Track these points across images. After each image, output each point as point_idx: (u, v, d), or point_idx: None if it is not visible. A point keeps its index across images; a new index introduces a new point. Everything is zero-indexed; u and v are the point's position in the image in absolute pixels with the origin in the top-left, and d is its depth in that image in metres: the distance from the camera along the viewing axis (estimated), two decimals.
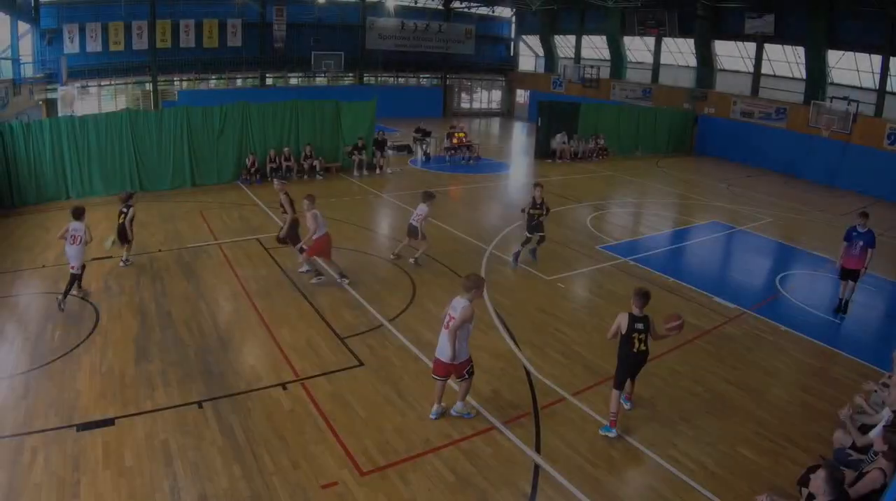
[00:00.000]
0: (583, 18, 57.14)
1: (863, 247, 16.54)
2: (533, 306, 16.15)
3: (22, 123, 23.85)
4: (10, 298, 15.48)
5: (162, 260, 18.25)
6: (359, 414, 11.02)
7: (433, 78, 64.57)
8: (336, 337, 13.95)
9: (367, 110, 32.45)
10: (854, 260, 16.65)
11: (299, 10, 52.52)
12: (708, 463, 10.09)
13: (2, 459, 9.35)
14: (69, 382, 11.62)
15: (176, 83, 50.92)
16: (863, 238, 16.58)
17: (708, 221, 26.13)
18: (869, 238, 16.56)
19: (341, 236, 20.92)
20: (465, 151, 37.33)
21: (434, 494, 9.11)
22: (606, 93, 54.63)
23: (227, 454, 9.73)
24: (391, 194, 27.95)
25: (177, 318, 14.56)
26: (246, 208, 24.40)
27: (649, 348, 10.85)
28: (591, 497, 9.18)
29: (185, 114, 27.11)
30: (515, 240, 21.31)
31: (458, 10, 62.25)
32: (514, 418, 11.14)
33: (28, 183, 23.99)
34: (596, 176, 34.63)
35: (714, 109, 46.30)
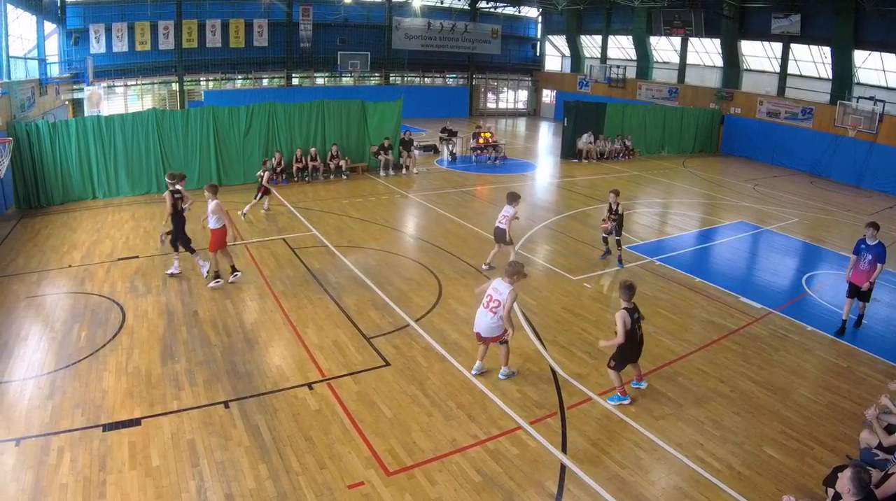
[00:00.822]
0: (609, 18, 57.05)
1: (871, 261, 15.04)
2: (559, 306, 16.11)
3: (48, 123, 23.96)
4: (37, 298, 15.54)
5: (188, 260, 18.17)
6: (385, 414, 11.01)
7: (459, 78, 64.53)
8: (362, 337, 13.95)
9: (394, 110, 32.45)
10: (862, 275, 15.25)
11: (325, 9, 52.64)
12: (734, 463, 10.03)
13: (28, 459, 9.38)
14: (95, 382, 11.66)
15: (202, 83, 51.06)
16: (871, 251, 15.09)
17: (734, 221, 25.96)
18: (878, 251, 15.02)
19: (367, 236, 21.06)
20: (492, 151, 37.26)
21: (460, 494, 9.07)
22: (633, 93, 54.51)
23: (253, 454, 9.73)
24: (417, 194, 27.93)
25: (203, 318, 14.60)
26: (272, 208, 24.40)
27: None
28: (617, 497, 9.13)
29: (211, 115, 27.21)
30: (541, 240, 21.37)
31: (484, 9, 62.16)
32: (541, 418, 11.09)
33: (54, 183, 24.12)
34: (622, 176, 34.53)
35: (740, 109, 46.06)
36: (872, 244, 15.12)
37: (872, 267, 15.00)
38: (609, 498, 9.09)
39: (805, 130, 41.22)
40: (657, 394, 12.03)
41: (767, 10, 42.54)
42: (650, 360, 13.29)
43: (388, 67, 58.53)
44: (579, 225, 23.17)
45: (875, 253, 15.03)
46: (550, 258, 19.74)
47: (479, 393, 11.76)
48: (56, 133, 23.81)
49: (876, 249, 15.05)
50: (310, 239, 20.61)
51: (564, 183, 32.19)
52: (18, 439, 9.84)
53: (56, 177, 24.13)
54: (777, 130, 43.05)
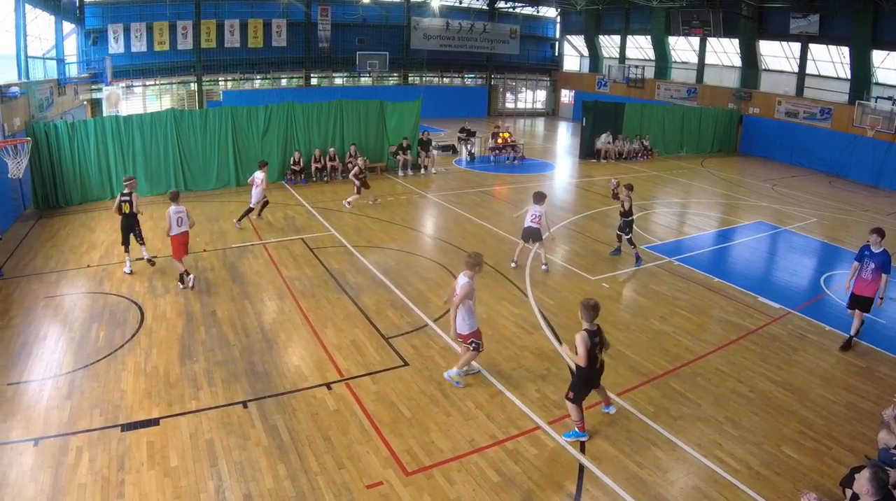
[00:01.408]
0: (627, 18, 57.01)
1: (875, 270, 14.01)
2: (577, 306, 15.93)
3: (67, 123, 24.05)
4: (56, 298, 15.59)
5: (207, 260, 18.35)
6: (403, 414, 11.01)
7: (478, 78, 64.51)
8: (381, 337, 13.94)
9: (412, 110, 32.47)
10: (864, 285, 14.23)
11: (344, 9, 52.74)
12: (753, 463, 9.99)
13: (47, 459, 9.40)
14: (114, 382, 11.69)
15: (221, 83, 51.16)
16: (875, 259, 14.03)
17: (753, 221, 25.85)
18: (882, 260, 13.98)
19: (386, 236, 21.07)
20: (510, 151, 37.29)
21: (479, 494, 9.06)
22: (651, 93, 54.44)
23: (271, 454, 9.74)
24: (436, 194, 27.91)
25: (222, 318, 14.62)
26: (291, 208, 24.46)
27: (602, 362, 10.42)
28: (635, 497, 9.11)
29: (229, 114, 27.27)
30: (560, 240, 21.32)
31: (502, 9, 62.22)
32: (559, 418, 11.05)
33: (73, 183, 24.21)
34: (640, 176, 34.40)
35: (759, 109, 45.91)
36: (877, 252, 14.12)
37: (876, 277, 13.99)
38: (628, 498, 9.07)
39: (823, 130, 41.05)
40: (676, 394, 11.99)
41: (786, 10, 42.44)
42: (668, 360, 13.31)
43: (407, 67, 58.57)
44: (598, 225, 23.13)
45: (879, 261, 14.00)
46: (569, 258, 19.72)
47: (497, 393, 11.74)
48: (74, 133, 23.88)
49: (880, 258, 14.03)
50: (328, 239, 20.63)
51: (583, 183, 32.14)
52: (37, 439, 9.86)
53: (74, 177, 24.22)
54: (795, 130, 42.88)
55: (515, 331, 14.35)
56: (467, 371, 12.13)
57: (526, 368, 12.69)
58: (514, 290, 16.93)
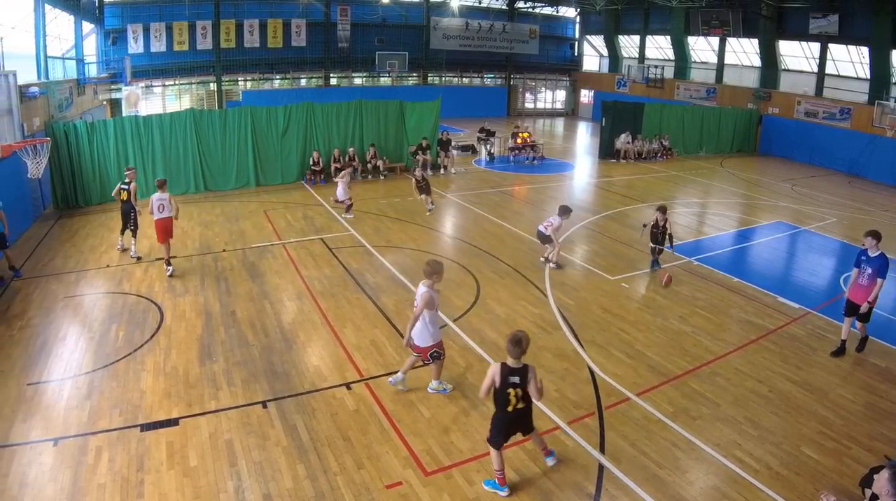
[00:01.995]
0: (647, 18, 56.99)
1: (871, 275, 13.38)
2: (597, 306, 16.03)
3: (86, 123, 24.16)
4: (75, 298, 15.64)
5: (226, 260, 18.39)
6: (423, 414, 11.00)
7: (497, 78, 64.54)
8: (400, 336, 13.81)
9: (432, 110, 32.50)
10: (861, 291, 13.66)
11: (363, 9, 52.89)
12: (772, 463, 9.94)
13: (67, 459, 9.42)
14: (133, 382, 11.72)
15: (240, 83, 51.34)
16: (871, 264, 13.43)
17: (772, 221, 25.75)
18: (879, 264, 13.31)
19: (405, 236, 21.08)
20: (530, 151, 37.26)
21: (498, 494, 9.05)
22: (671, 93, 54.37)
23: (291, 454, 9.74)
24: (455, 194, 27.89)
25: (241, 318, 14.64)
26: (310, 208, 24.49)
27: (529, 401, 9.19)
28: (655, 497, 9.08)
29: (249, 114, 27.32)
30: (579, 240, 21.33)
31: (522, 9, 62.19)
32: (579, 418, 11.04)
33: (92, 182, 24.30)
34: (660, 176, 34.41)
35: (778, 109, 45.79)
36: (873, 256, 13.46)
37: (872, 283, 13.36)
38: (647, 499, 9.03)
39: (843, 130, 40.92)
40: (695, 394, 11.94)
41: (805, 10, 42.33)
42: (688, 360, 13.25)
43: (427, 67, 58.61)
44: (617, 225, 23.09)
45: (875, 266, 13.35)
46: (588, 258, 19.68)
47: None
48: (94, 133, 23.98)
49: (877, 262, 13.37)
50: (348, 239, 20.63)
51: (602, 183, 32.06)
52: (56, 439, 9.89)
53: (94, 177, 24.31)
54: (815, 130, 42.76)
55: (535, 331, 14.26)
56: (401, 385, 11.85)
57: (545, 368, 12.63)
58: (534, 290, 16.88)
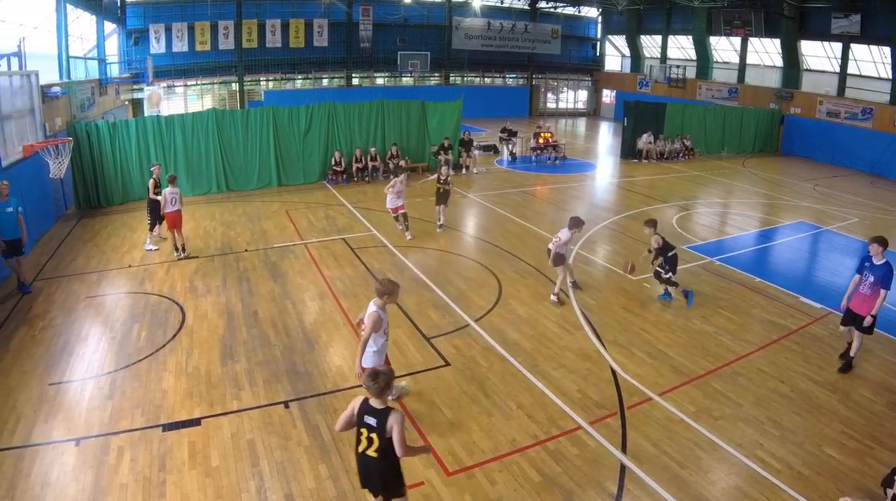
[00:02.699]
0: (669, 18, 56.87)
1: (874, 284, 12.46)
2: (619, 306, 15.99)
3: (108, 123, 24.26)
4: (97, 298, 15.70)
5: (248, 260, 18.42)
6: (445, 414, 10.98)
7: (519, 78, 64.54)
8: (422, 337, 13.91)
9: (454, 110, 32.50)
10: (862, 300, 12.74)
11: (385, 9, 53.01)
12: (794, 463, 9.88)
13: (88, 459, 9.45)
14: (155, 382, 11.75)
15: (262, 83, 51.50)
16: (875, 272, 12.51)
17: (794, 221, 25.64)
18: (883, 273, 12.40)
19: (427, 236, 21.10)
20: (552, 151, 37.22)
21: (520, 494, 9.01)
22: (692, 93, 54.20)
23: (313, 454, 9.74)
24: (477, 194, 27.86)
25: (263, 318, 14.65)
26: (332, 208, 24.54)
27: (389, 457, 7.29)
28: (677, 497, 9.03)
29: (271, 114, 27.38)
30: (601, 240, 21.35)
31: (544, 9, 62.15)
32: (601, 418, 10.99)
33: (114, 183, 24.41)
34: (682, 176, 34.31)
35: (800, 109, 45.62)
36: (878, 264, 12.55)
37: (875, 293, 12.44)
38: (669, 498, 8.99)
39: (865, 130, 40.74)
40: (717, 394, 11.89)
41: (827, 10, 42.22)
42: (710, 360, 13.20)
43: (448, 67, 58.72)
44: (639, 225, 22.86)
45: (879, 275, 12.44)
46: (610, 258, 19.62)
47: (538, 393, 11.69)
48: (116, 133, 24.09)
49: (881, 270, 12.46)
50: (369, 239, 20.64)
51: (624, 183, 31.97)
52: (78, 439, 9.91)
53: (116, 177, 24.41)
54: (837, 130, 42.58)
55: (557, 331, 14.28)
56: (399, 393, 11.47)
57: (567, 368, 12.63)
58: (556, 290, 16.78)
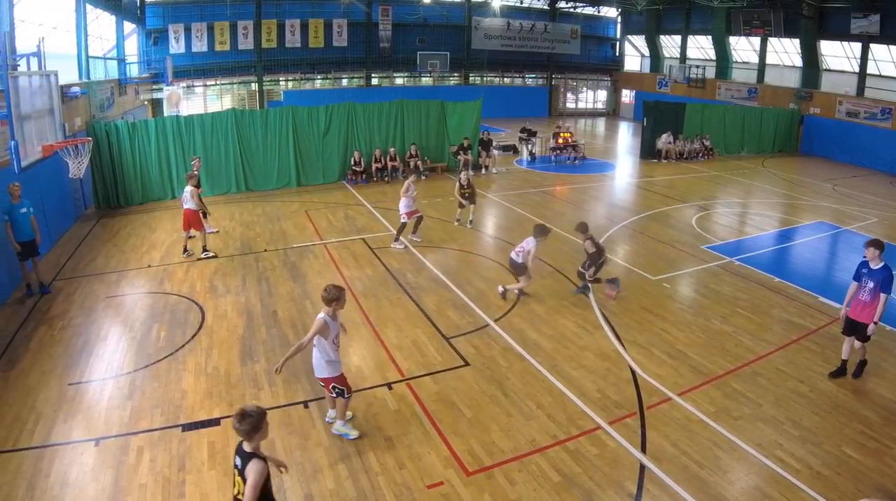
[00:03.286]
0: (688, 18, 56.71)
1: (873, 289, 12.06)
2: (638, 306, 15.95)
3: (128, 123, 24.35)
4: (117, 298, 15.75)
5: (267, 260, 18.47)
6: (464, 414, 10.97)
7: (539, 78, 64.52)
8: (441, 336, 13.92)
9: (473, 110, 32.49)
10: (861, 307, 12.31)
11: (405, 9, 53.04)
12: (813, 463, 9.85)
13: (108, 459, 9.48)
14: (175, 382, 11.78)
15: (281, 83, 51.70)
16: (873, 277, 12.10)
17: (814, 221, 25.56)
18: (882, 277, 11.99)
19: (447, 236, 21.15)
20: (571, 151, 37.15)
21: (540, 494, 8.99)
22: (712, 93, 54.07)
23: (332, 454, 9.75)
24: (497, 194, 27.84)
25: (282, 318, 14.67)
26: (351, 208, 24.57)
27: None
28: (696, 497, 9.01)
29: (290, 114, 27.41)
30: (621, 240, 21.34)
31: (563, 9, 62.05)
32: (620, 418, 10.98)
33: (133, 183, 24.49)
34: (701, 176, 34.25)
35: (819, 109, 45.47)
36: (875, 268, 12.17)
37: (874, 299, 12.05)
38: (688, 498, 8.97)
39: (884, 130, 40.53)
40: (736, 394, 11.86)
41: (846, 11, 42.08)
42: (729, 360, 13.17)
43: (468, 67, 58.77)
44: (658, 225, 22.94)
45: (878, 279, 12.02)
46: (630, 258, 19.59)
47: (558, 393, 11.68)
48: (135, 133, 24.16)
49: (879, 275, 12.05)
50: (389, 239, 20.57)
51: (643, 183, 31.93)
52: (98, 439, 9.95)
53: (135, 177, 24.49)
54: (856, 130, 42.40)
55: (576, 331, 14.28)
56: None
57: (587, 368, 12.62)
58: None
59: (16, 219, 15.14)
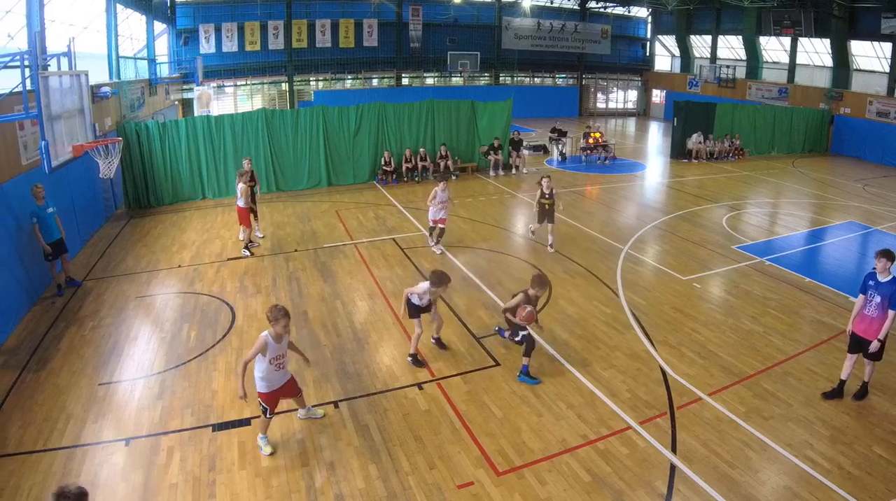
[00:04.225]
0: (718, 18, 56.59)
1: (880, 304, 11.08)
2: (669, 306, 15.88)
3: (158, 123, 24.45)
4: (147, 298, 15.81)
5: (298, 260, 18.48)
6: (495, 414, 10.95)
7: (569, 77, 64.49)
8: (472, 336, 13.92)
9: (503, 110, 32.41)
10: (868, 323, 11.29)
11: (435, 9, 53.14)
12: (844, 463, 9.78)
13: (138, 459, 9.52)
14: (205, 382, 11.82)
15: (312, 83, 51.83)
16: (881, 290, 11.11)
17: (844, 221, 25.39)
18: (890, 290, 11.00)
19: (477, 236, 21.09)
20: (601, 151, 37.12)
21: (570, 494, 8.98)
22: (742, 93, 53.87)
23: (363, 454, 9.76)
24: (527, 194, 27.60)
25: (313, 318, 14.69)
26: (382, 208, 24.58)
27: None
28: (727, 497, 8.97)
29: (320, 114, 27.43)
30: (651, 240, 21.26)
31: (593, 9, 62.00)
32: (650, 418, 10.95)
33: (164, 183, 24.62)
34: (732, 176, 34.09)
35: (850, 109, 45.23)
36: (884, 281, 11.14)
37: (882, 314, 11.06)
38: (719, 498, 8.94)
39: None
40: (767, 394, 11.80)
41: (877, 10, 41.96)
42: (760, 360, 13.10)
43: (498, 67, 58.82)
44: (689, 225, 22.83)
45: (887, 293, 11.03)
46: (660, 258, 19.52)
47: (588, 393, 11.65)
48: (166, 133, 24.28)
49: (888, 288, 11.04)
50: (419, 239, 20.65)
51: (674, 183, 31.82)
52: (128, 439, 10.00)
53: (166, 178, 24.63)
54: (887, 130, 42.10)
55: (607, 331, 14.23)
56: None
57: (617, 368, 12.58)
58: (605, 290, 16.77)
59: (43, 219, 15.27)
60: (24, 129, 15.83)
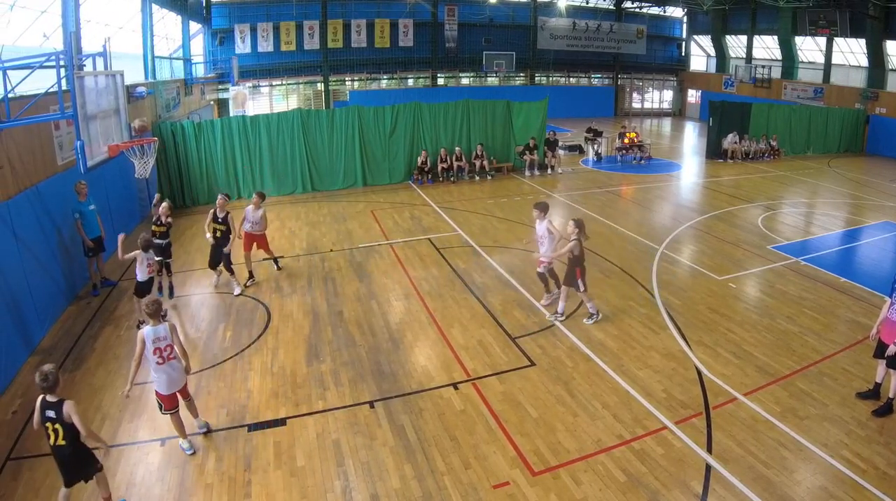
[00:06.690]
0: (754, 18, 56.23)
1: None
2: (704, 306, 15.80)
3: (193, 123, 24.60)
4: (183, 298, 15.93)
5: (333, 260, 18.53)
6: (530, 415, 10.93)
7: (604, 77, 64.37)
8: (507, 337, 13.87)
9: (539, 110, 32.34)
10: (891, 328, 10.78)
11: (471, 9, 53.16)
12: (880, 464, 9.69)
13: (174, 459, 9.59)
14: (241, 382, 11.88)
15: (347, 83, 52.01)
16: None
17: (879, 221, 25.16)
18: None
19: (512, 236, 21.03)
20: (637, 151, 36.97)
21: (605, 494, 8.95)
22: (778, 93, 53.55)
23: (398, 454, 9.78)
24: (562, 194, 27.71)
25: (348, 318, 14.72)
26: (417, 208, 24.60)
27: (75, 442, 8.07)
28: (762, 497, 8.91)
29: (356, 114, 27.46)
30: (686, 240, 21.19)
31: (629, 9, 61.88)
32: (686, 418, 10.89)
33: (199, 183, 24.76)
34: (767, 176, 33.87)
35: (885, 109, 44.88)
36: None
37: None
38: (754, 498, 8.89)
39: None
40: (802, 394, 11.72)
41: None
42: (795, 360, 13.03)
43: (534, 67, 58.78)
44: (725, 225, 22.71)
45: None
46: (695, 258, 19.44)
47: (624, 393, 11.62)
48: (201, 133, 24.43)
49: None
50: (455, 239, 20.68)
51: (709, 183, 31.64)
52: (164, 439, 10.07)
53: (201, 178, 24.77)
54: None
55: (642, 331, 14.19)
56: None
57: (653, 368, 12.54)
58: (641, 290, 16.73)
59: (85, 216, 15.42)
60: (59, 129, 15.95)
